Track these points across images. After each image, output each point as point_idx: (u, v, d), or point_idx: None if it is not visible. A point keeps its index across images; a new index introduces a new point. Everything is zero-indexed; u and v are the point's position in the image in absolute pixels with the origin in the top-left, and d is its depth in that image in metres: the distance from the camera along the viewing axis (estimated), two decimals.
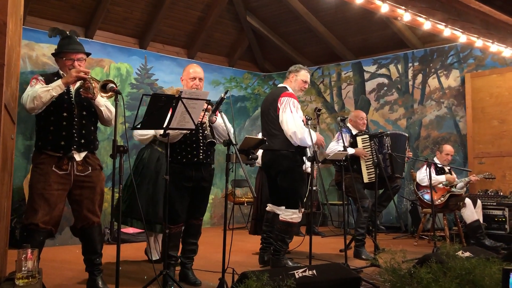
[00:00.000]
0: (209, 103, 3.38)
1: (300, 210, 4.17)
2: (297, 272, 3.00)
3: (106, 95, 3.01)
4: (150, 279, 3.28)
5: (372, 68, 7.88)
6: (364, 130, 5.28)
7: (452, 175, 5.86)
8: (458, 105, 6.94)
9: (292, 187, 4.15)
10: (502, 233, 5.74)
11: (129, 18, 7.03)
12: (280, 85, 4.49)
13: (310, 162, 3.94)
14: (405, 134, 5.45)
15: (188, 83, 3.61)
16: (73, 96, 3.20)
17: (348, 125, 5.24)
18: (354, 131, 5.23)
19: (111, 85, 2.98)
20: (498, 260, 3.37)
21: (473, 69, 6.82)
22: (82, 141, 3.20)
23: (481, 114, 6.60)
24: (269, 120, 4.24)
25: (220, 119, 3.54)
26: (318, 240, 6.12)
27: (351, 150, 4.93)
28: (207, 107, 3.39)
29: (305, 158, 4.34)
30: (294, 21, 7.84)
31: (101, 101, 3.23)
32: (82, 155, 3.20)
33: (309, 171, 5.50)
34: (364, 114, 5.35)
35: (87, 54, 3.34)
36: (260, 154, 4.52)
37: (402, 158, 5.16)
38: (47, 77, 3.18)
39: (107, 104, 3.29)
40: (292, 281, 2.78)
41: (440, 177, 5.75)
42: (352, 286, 3.22)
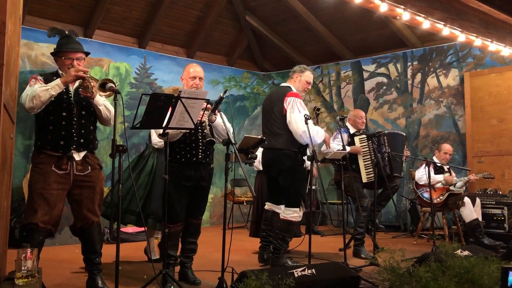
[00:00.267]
0: (208, 102, 3.38)
1: (301, 209, 4.18)
2: (296, 271, 3.01)
3: (105, 94, 3.01)
4: (149, 279, 3.28)
5: (371, 67, 7.88)
6: (363, 129, 5.28)
7: (451, 175, 5.86)
8: (457, 104, 6.94)
9: (294, 186, 4.15)
10: (501, 232, 5.75)
11: (128, 17, 7.03)
12: (283, 84, 4.47)
13: (309, 161, 3.94)
14: (403, 134, 5.45)
15: (188, 83, 3.61)
16: (72, 96, 3.20)
17: (347, 124, 5.24)
18: (353, 131, 5.23)
19: (110, 85, 2.98)
20: (497, 259, 3.37)
21: (472, 68, 6.83)
22: (82, 141, 3.19)
23: (480, 113, 6.61)
24: (272, 118, 4.23)
25: (219, 118, 3.53)
26: (317, 239, 6.13)
27: (347, 149, 4.93)
28: (206, 106, 3.40)
29: (305, 157, 4.34)
30: (293, 21, 7.84)
31: (100, 101, 3.23)
32: (82, 154, 3.20)
33: (308, 170, 5.52)
34: (363, 113, 5.36)
35: (86, 54, 3.34)
36: (259, 154, 4.52)
37: (400, 157, 5.17)
38: (46, 77, 3.17)
39: (106, 104, 3.29)
40: (291, 280, 2.78)
41: (438, 177, 5.76)
42: (351, 285, 3.23)
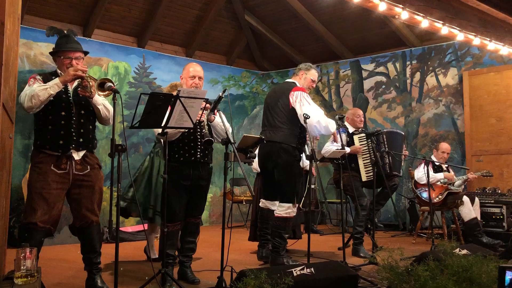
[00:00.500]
0: (207, 102, 3.38)
1: (294, 205, 4.18)
2: (295, 270, 3.01)
3: (104, 94, 3.00)
4: (149, 278, 3.29)
5: (370, 67, 7.88)
6: (361, 128, 5.29)
7: (450, 173, 5.87)
8: (456, 103, 6.95)
9: (289, 181, 4.16)
10: (499, 230, 5.76)
11: (127, 16, 7.03)
12: (288, 80, 4.49)
13: (308, 160, 3.94)
14: (402, 133, 5.46)
15: (187, 82, 3.61)
16: (71, 95, 3.20)
17: (345, 123, 5.24)
18: (352, 129, 5.23)
19: (109, 84, 2.97)
20: (495, 258, 3.39)
21: (471, 67, 6.83)
22: (81, 140, 3.19)
23: (479, 112, 6.62)
24: (274, 112, 4.24)
25: (218, 118, 3.53)
26: (316, 238, 6.13)
27: (347, 149, 4.94)
28: (205, 106, 3.40)
29: (303, 156, 4.34)
30: (292, 20, 7.84)
31: (99, 100, 3.23)
32: (81, 154, 3.20)
33: (307, 169, 5.51)
34: (361, 112, 5.36)
35: (85, 53, 3.33)
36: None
37: (399, 156, 5.17)
38: (45, 76, 3.17)
39: (104, 103, 3.29)
40: (290, 279, 2.79)
41: (438, 175, 5.76)
42: (350, 283, 3.23)
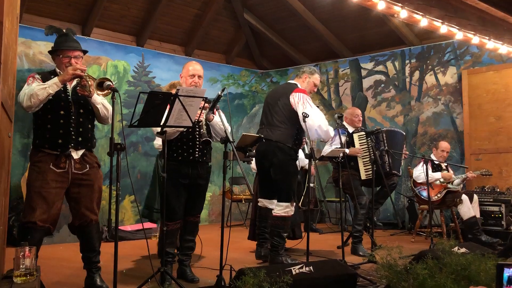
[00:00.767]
0: (206, 101, 3.38)
1: (291, 204, 4.19)
2: (294, 269, 3.02)
3: (103, 93, 3.00)
4: (147, 277, 3.29)
5: (369, 65, 7.88)
6: (360, 127, 5.29)
7: (449, 172, 5.87)
8: (455, 102, 6.96)
9: (286, 180, 4.16)
10: (498, 229, 5.77)
11: (126, 15, 7.02)
12: (291, 81, 4.50)
13: (307, 159, 3.94)
14: (402, 132, 5.46)
15: (187, 81, 3.61)
16: (70, 94, 3.20)
17: (344, 123, 5.25)
18: (351, 129, 5.24)
19: (108, 83, 2.97)
20: (494, 256, 3.40)
21: (470, 66, 6.84)
22: (80, 139, 3.20)
23: (478, 111, 6.63)
24: (274, 111, 4.25)
25: (217, 117, 3.53)
26: (315, 237, 6.13)
27: (346, 151, 4.94)
28: (204, 105, 3.40)
29: (302, 155, 4.34)
30: (291, 18, 7.84)
31: (98, 99, 3.23)
32: (80, 153, 3.21)
33: (307, 168, 5.52)
34: (359, 111, 5.36)
35: (84, 52, 3.33)
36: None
37: (399, 155, 5.17)
38: (44, 75, 3.17)
39: (103, 102, 3.29)
40: (289, 278, 2.80)
41: (436, 174, 5.77)
42: (349, 282, 3.24)
